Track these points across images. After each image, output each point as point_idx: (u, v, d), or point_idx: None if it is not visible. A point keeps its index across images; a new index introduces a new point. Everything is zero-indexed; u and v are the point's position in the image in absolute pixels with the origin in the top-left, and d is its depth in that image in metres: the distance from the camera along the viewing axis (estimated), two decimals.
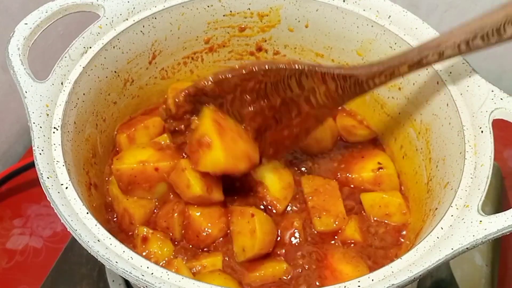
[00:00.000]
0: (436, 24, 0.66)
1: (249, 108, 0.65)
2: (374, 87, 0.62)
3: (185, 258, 0.64)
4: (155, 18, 0.71)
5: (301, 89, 0.64)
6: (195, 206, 0.65)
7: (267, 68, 0.63)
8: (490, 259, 0.83)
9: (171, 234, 0.66)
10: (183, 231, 0.66)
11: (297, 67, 0.63)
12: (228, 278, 0.61)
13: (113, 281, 0.76)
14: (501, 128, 0.60)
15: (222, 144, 0.61)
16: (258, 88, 0.64)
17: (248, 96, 0.65)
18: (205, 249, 0.65)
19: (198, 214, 0.64)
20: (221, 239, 0.65)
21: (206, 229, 0.64)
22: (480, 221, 0.50)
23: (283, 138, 0.68)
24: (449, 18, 1.08)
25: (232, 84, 0.64)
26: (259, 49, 0.81)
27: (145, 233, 0.64)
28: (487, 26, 0.53)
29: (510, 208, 0.50)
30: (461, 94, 0.62)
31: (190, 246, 0.65)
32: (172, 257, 0.64)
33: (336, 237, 0.67)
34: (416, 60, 0.59)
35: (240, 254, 0.64)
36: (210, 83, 0.63)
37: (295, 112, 0.66)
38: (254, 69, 0.63)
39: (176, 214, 0.65)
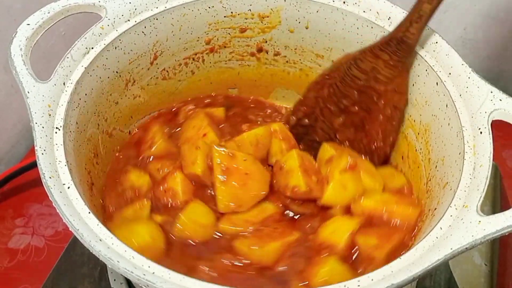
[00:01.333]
0: (435, 24, 0.67)
1: (338, 115, 0.73)
2: (415, 37, 0.65)
3: None
4: (157, 19, 0.71)
5: (364, 73, 0.70)
6: None
7: (327, 71, 0.73)
8: (489, 258, 0.83)
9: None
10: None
11: (349, 57, 0.70)
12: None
13: (115, 280, 0.76)
14: (500, 128, 0.61)
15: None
16: (333, 92, 0.73)
17: (330, 105, 0.73)
18: None
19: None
20: None
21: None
22: (479, 221, 0.50)
23: (380, 125, 0.72)
24: (448, 19, 1.08)
25: (312, 98, 0.75)
26: (260, 50, 0.81)
27: None
28: None
29: (509, 208, 0.50)
30: (460, 95, 0.62)
31: None
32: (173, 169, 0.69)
33: None
34: None
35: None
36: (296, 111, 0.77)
37: (375, 95, 0.70)
38: (320, 77, 0.73)
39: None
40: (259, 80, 0.86)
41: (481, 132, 0.58)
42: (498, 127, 0.59)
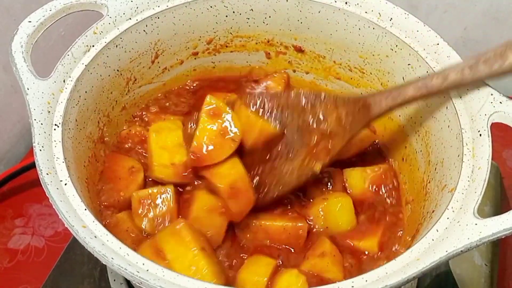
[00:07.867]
0: (435, 24, 0.67)
1: None
2: (381, 111, 0.64)
3: None
4: (158, 18, 0.71)
5: (313, 114, 0.66)
6: None
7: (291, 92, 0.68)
8: (489, 259, 0.83)
9: None
10: None
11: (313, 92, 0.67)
12: None
13: (114, 280, 0.76)
14: (500, 129, 0.60)
15: None
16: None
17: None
18: None
19: None
20: None
21: None
22: (476, 224, 0.50)
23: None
24: (448, 19, 1.08)
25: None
26: (262, 49, 0.81)
27: None
28: (490, 53, 0.56)
29: (509, 208, 0.50)
30: (460, 97, 0.62)
31: None
32: None
33: None
34: (420, 83, 0.61)
35: None
36: None
37: (307, 139, 0.66)
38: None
39: None
40: None
41: (480, 135, 0.58)
42: (498, 127, 0.59)
